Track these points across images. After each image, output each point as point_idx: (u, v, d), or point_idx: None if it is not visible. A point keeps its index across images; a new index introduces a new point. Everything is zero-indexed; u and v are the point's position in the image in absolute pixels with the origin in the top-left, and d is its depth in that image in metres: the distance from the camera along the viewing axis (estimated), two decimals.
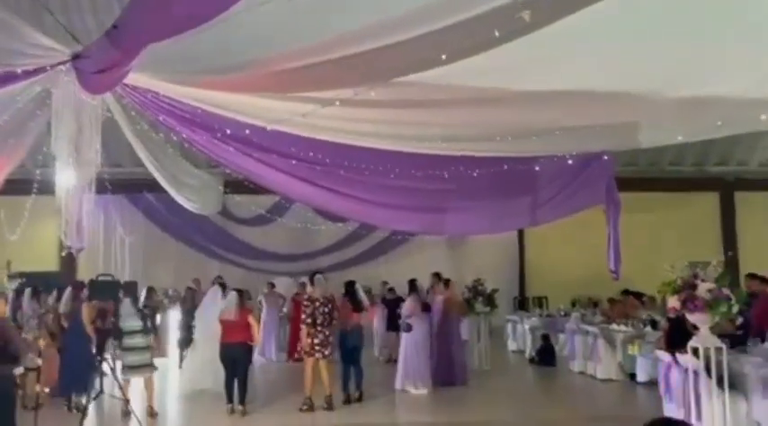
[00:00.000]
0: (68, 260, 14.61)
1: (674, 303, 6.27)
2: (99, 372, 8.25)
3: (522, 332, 15.17)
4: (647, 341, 10.39)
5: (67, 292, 10.51)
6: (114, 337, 8.83)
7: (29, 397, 8.66)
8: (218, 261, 17.22)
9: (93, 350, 8.73)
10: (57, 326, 9.77)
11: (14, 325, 8.44)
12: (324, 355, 9.18)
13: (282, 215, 16.36)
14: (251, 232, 17.35)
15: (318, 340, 9.15)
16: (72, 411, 8.95)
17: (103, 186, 12.24)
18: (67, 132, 7.62)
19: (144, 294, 11.89)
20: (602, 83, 5.59)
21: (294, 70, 4.89)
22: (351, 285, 10.20)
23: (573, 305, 15.50)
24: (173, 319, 14.19)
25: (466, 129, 6.89)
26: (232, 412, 8.96)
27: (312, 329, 9.14)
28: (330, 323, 9.27)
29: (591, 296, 15.36)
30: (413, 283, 11.32)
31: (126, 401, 8.54)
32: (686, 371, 6.71)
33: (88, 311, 9.25)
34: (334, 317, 9.32)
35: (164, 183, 11.98)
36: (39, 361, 7.73)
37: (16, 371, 6.49)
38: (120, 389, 8.04)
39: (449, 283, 11.74)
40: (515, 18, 3.92)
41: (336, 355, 9.86)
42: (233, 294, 9.43)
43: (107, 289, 8.50)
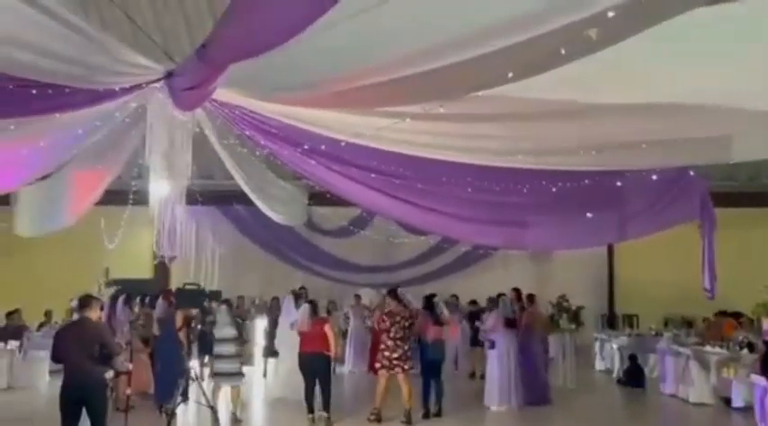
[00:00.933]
0: (161, 268, 15.24)
1: None
2: (187, 378, 8.56)
3: (611, 351, 14.67)
4: (743, 364, 9.87)
5: (160, 300, 11.00)
6: (201, 344, 9.12)
7: (120, 400, 9.08)
8: (302, 271, 17.48)
9: (184, 357, 9.09)
10: (149, 332, 10.20)
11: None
12: (403, 369, 9.19)
13: (364, 227, 16.47)
14: (335, 243, 17.54)
15: (397, 354, 9.18)
16: (162, 414, 9.27)
17: (194, 198, 12.76)
18: (161, 146, 7.95)
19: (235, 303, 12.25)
20: (690, 94, 5.37)
21: (368, 87, 4.96)
22: (430, 298, 10.17)
23: (665, 324, 14.87)
24: (258, 328, 14.56)
25: (545, 143, 6.75)
26: (313, 422, 9.07)
27: (392, 343, 9.18)
28: (410, 337, 9.29)
29: (684, 315, 14.69)
30: (495, 299, 11.17)
31: (211, 407, 8.81)
32: None
33: (180, 318, 9.65)
34: (413, 332, 9.34)
35: (251, 195, 12.32)
36: (129, 366, 8.08)
37: (107, 374, 6.82)
38: (204, 396, 8.29)
39: (533, 298, 11.52)
40: (583, 36, 3.84)
41: (417, 368, 9.84)
42: (305, 306, 9.57)
43: (193, 298, 8.83)
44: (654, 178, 7.65)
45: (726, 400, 10.46)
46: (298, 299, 10.34)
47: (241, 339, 9.40)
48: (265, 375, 12.93)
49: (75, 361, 6.44)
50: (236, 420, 9.23)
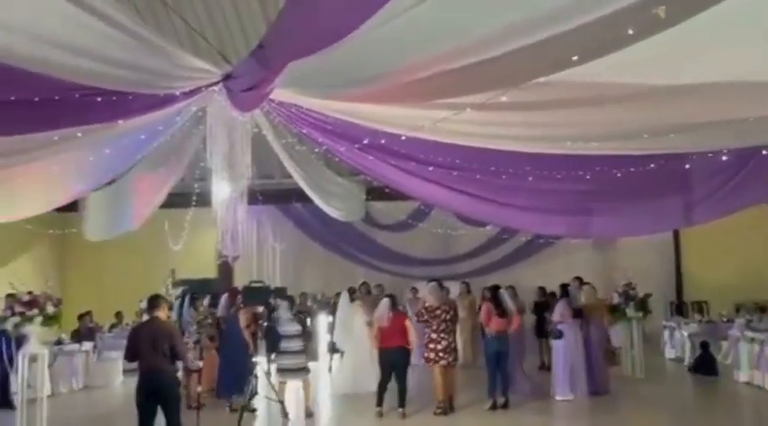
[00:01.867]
0: (225, 268, 15.54)
1: None
2: (254, 374, 8.69)
3: (681, 338, 14.27)
4: None
5: (224, 298, 11.21)
6: (269, 341, 9.23)
7: (192, 398, 9.29)
8: (363, 267, 17.53)
9: (250, 354, 9.23)
10: (215, 330, 10.41)
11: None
12: (448, 362, 9.22)
13: (423, 220, 16.40)
14: (393, 237, 17.47)
15: (442, 346, 9.21)
16: (233, 411, 9.34)
17: (255, 197, 12.95)
18: (221, 148, 8.10)
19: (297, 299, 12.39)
20: (761, 72, 5.13)
21: (427, 79, 4.91)
22: (495, 289, 10.08)
23: (737, 310, 14.37)
24: (322, 324, 14.67)
25: (607, 128, 6.57)
26: (381, 415, 9.10)
27: (435, 336, 9.22)
28: (453, 330, 9.33)
29: (756, 300, 14.15)
30: (565, 287, 10.97)
31: (280, 402, 8.93)
32: None
33: (244, 316, 9.81)
34: (456, 323, 9.31)
35: (310, 192, 12.45)
36: (200, 364, 8.25)
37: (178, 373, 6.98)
38: (274, 390, 8.39)
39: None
40: (651, 14, 3.70)
41: (481, 361, 9.78)
42: (385, 300, 9.57)
43: (259, 295, 8.96)
44: (724, 159, 7.38)
45: None
46: (352, 294, 10.39)
47: (306, 334, 9.48)
48: (330, 370, 13.04)
49: (149, 360, 6.60)
50: (309, 412, 9.31)
